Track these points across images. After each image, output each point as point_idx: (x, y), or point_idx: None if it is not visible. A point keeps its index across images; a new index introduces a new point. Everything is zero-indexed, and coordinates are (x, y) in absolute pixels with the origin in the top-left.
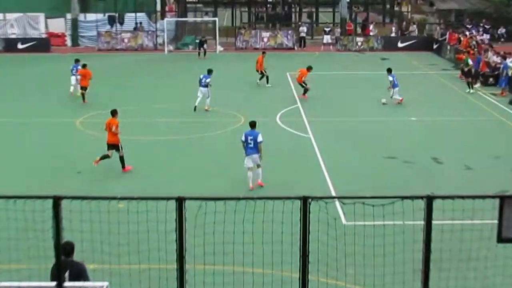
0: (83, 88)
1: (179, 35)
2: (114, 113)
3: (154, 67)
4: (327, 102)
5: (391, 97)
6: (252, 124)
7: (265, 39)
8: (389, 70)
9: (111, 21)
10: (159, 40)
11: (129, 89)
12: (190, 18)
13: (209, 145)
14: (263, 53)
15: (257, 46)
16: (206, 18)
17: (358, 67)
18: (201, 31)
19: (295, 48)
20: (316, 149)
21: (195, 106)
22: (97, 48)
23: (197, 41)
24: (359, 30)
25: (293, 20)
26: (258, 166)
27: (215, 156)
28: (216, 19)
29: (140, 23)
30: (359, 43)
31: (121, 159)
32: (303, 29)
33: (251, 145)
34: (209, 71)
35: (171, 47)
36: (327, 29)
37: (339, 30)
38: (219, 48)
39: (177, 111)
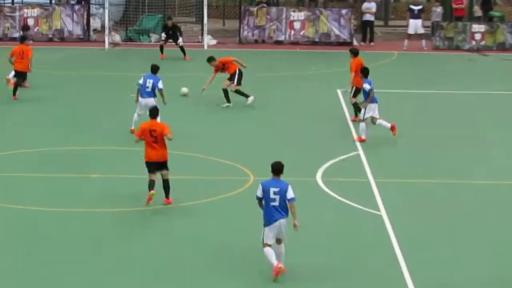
0: (20, 75)
1: (132, 15)
2: (156, 114)
3: (82, 77)
4: (412, 148)
5: (362, 118)
6: (277, 169)
7: (297, 26)
8: (365, 73)
9: None
10: (95, 24)
11: (36, 122)
12: None
13: (192, 224)
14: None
15: (281, 38)
16: None
17: (474, 81)
18: (173, 8)
19: (354, 42)
20: (393, 238)
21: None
22: None
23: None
24: (478, 13)
25: None
26: (280, 241)
27: (201, 243)
28: None
29: None
30: (477, 36)
31: (168, 184)
32: (370, 6)
33: (276, 204)
34: (154, 69)
35: (116, 37)
36: (415, 8)
37: (439, 10)
38: (209, 40)
39: (126, 160)
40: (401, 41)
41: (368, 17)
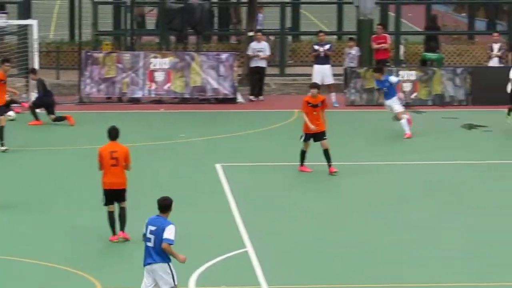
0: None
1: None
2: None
3: None
4: None
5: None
6: (163, 205)
7: (160, 77)
8: (380, 70)
9: None
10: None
11: None
12: None
13: None
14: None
15: (138, 95)
16: None
17: (401, 150)
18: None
19: (239, 98)
20: None
21: None
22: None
23: None
24: None
25: None
26: None
27: None
28: None
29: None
30: (407, 87)
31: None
32: (261, 48)
33: (150, 245)
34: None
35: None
36: (321, 49)
37: (353, 52)
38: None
39: None
40: (302, 95)
41: (259, 62)
